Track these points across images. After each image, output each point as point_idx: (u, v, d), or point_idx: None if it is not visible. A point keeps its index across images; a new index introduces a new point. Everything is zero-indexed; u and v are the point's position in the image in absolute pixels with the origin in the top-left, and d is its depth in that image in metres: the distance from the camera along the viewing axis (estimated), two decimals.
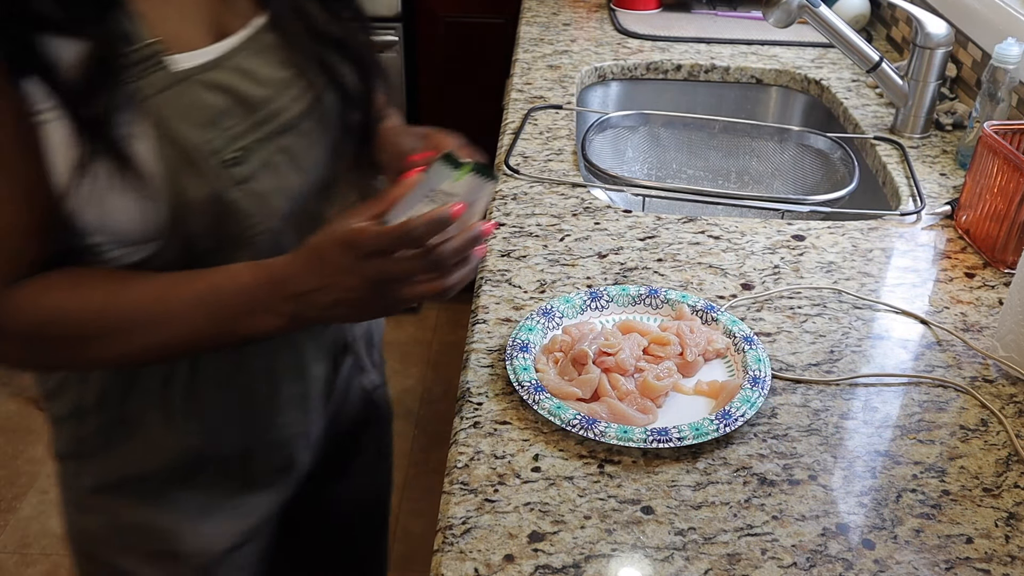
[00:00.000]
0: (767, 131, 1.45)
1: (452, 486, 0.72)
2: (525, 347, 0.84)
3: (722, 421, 0.76)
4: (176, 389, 0.80)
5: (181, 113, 0.67)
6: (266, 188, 0.74)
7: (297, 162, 0.76)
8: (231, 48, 0.72)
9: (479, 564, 0.65)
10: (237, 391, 0.83)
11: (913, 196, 1.18)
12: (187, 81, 0.68)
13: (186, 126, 0.67)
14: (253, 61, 0.73)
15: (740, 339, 0.87)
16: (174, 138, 0.67)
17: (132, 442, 0.82)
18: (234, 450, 0.86)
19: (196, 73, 0.69)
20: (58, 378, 0.82)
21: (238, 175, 0.71)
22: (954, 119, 1.37)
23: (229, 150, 0.70)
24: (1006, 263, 1.03)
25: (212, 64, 0.70)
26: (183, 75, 0.68)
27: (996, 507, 0.72)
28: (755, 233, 1.09)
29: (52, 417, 0.85)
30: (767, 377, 0.81)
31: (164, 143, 0.66)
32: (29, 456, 2.10)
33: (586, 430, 0.75)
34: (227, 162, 0.70)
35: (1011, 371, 0.86)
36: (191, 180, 0.68)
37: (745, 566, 0.66)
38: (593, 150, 1.31)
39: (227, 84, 0.70)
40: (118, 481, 0.84)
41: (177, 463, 0.84)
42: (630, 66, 1.61)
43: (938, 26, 1.28)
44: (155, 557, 0.88)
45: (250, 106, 0.72)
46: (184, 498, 0.86)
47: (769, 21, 1.28)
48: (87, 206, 0.67)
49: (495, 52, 2.11)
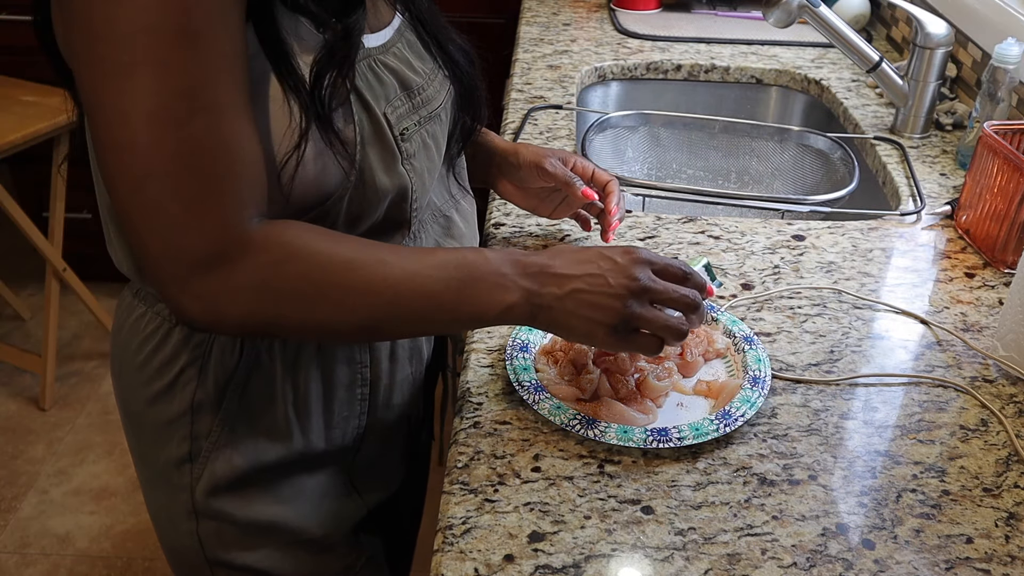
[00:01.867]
0: (767, 131, 1.45)
1: (452, 486, 0.72)
2: (525, 347, 0.84)
3: (722, 421, 0.76)
4: (300, 370, 0.80)
5: (368, 86, 0.72)
6: (423, 167, 0.78)
7: (440, 147, 0.82)
8: (388, 38, 0.77)
9: (479, 564, 0.65)
10: (360, 371, 0.84)
11: (913, 196, 1.18)
12: (369, 59, 0.73)
13: (372, 96, 0.72)
14: (407, 52, 0.79)
15: (740, 339, 0.87)
16: (367, 107, 0.71)
17: (254, 431, 0.81)
18: (352, 431, 0.86)
19: (373, 54, 0.74)
20: (168, 378, 0.79)
21: (407, 151, 0.75)
22: (954, 119, 1.37)
23: (400, 126, 0.74)
24: (1006, 263, 1.02)
25: (382, 48, 0.76)
26: (367, 52, 0.73)
27: (996, 507, 0.72)
28: (755, 233, 1.09)
29: (155, 426, 0.82)
30: (767, 377, 0.81)
31: (359, 109, 0.70)
32: (29, 456, 2.10)
33: (586, 430, 0.75)
34: (399, 136, 0.74)
35: (1011, 371, 0.86)
36: (374, 149, 0.72)
37: (745, 566, 0.66)
38: (593, 150, 1.31)
39: (394, 67, 0.76)
40: (239, 476, 0.81)
41: (300, 449, 0.82)
42: (630, 66, 1.61)
43: (938, 26, 1.28)
44: (286, 547, 0.86)
45: (411, 90, 0.77)
46: (308, 484, 0.85)
47: (769, 21, 1.28)
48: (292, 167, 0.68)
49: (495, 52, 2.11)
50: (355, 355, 0.83)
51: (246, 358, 0.78)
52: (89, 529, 1.92)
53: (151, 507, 0.89)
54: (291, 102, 0.66)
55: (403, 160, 0.75)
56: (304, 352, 0.80)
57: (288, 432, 0.81)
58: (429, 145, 0.79)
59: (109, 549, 1.88)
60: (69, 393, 2.28)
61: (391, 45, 0.77)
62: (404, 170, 0.75)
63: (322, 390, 0.82)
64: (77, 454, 2.10)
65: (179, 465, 0.82)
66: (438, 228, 0.87)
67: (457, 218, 0.90)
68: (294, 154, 0.66)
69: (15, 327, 2.50)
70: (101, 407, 2.24)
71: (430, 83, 0.80)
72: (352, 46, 0.69)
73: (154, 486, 0.86)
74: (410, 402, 0.92)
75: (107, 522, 1.93)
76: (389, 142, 0.73)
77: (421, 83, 0.78)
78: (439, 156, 0.82)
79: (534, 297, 0.69)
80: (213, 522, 0.84)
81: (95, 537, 1.90)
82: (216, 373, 0.78)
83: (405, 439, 0.95)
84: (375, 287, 0.67)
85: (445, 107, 0.82)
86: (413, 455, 1.01)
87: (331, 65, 0.67)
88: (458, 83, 0.85)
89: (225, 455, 0.81)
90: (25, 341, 2.43)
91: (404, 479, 0.99)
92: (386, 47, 0.76)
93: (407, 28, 0.81)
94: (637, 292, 0.70)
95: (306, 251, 0.65)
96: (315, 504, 0.86)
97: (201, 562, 0.86)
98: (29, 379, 2.30)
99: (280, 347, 0.79)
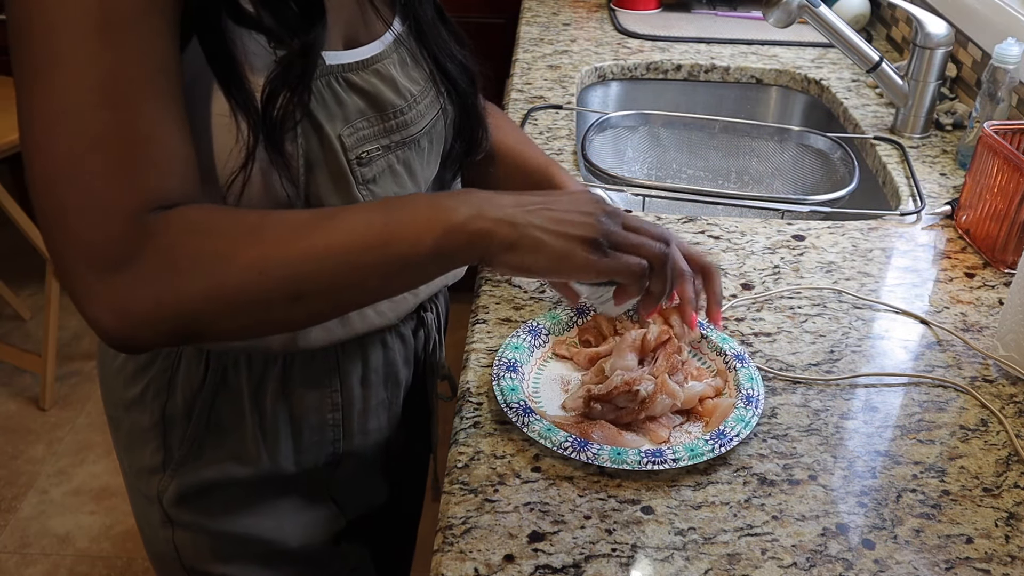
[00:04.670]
0: (767, 131, 1.45)
1: (452, 486, 0.72)
2: (512, 367, 0.82)
3: (717, 441, 0.74)
4: (267, 393, 0.78)
5: (323, 106, 0.68)
6: (387, 192, 0.74)
7: (415, 175, 0.77)
8: (375, 53, 0.73)
9: (479, 564, 0.65)
10: (330, 396, 0.82)
11: (913, 196, 1.18)
12: (332, 76, 0.69)
13: (325, 116, 0.68)
14: (394, 70, 0.75)
15: (731, 357, 0.84)
16: (317, 127, 0.67)
17: (222, 449, 0.80)
18: (325, 456, 0.84)
19: (343, 71, 0.70)
20: (140, 387, 0.79)
21: (364, 175, 0.71)
22: (954, 119, 1.37)
23: (358, 150, 0.70)
24: (1006, 263, 1.02)
25: (358, 65, 0.71)
26: (329, 70, 0.69)
27: (996, 507, 0.72)
28: (755, 233, 1.09)
29: (130, 434, 0.82)
30: (760, 396, 0.79)
31: (307, 130, 0.67)
32: (29, 456, 2.10)
33: (578, 453, 0.72)
34: (354, 161, 0.70)
35: (1011, 371, 0.86)
36: (323, 172, 0.68)
37: (745, 566, 0.66)
38: (593, 150, 1.31)
39: (364, 86, 0.71)
40: (209, 488, 0.81)
41: (268, 470, 0.81)
42: (630, 66, 1.61)
43: (938, 26, 1.28)
44: (263, 560, 0.85)
45: (383, 112, 0.72)
46: (281, 500, 0.84)
47: (769, 21, 1.28)
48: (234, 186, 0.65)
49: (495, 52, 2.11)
50: (323, 379, 0.80)
51: (212, 374, 0.77)
52: (89, 529, 1.92)
53: (135, 512, 0.88)
54: (239, 120, 0.63)
55: (358, 185, 0.71)
56: (269, 373, 0.78)
57: (257, 454, 0.80)
58: (399, 172, 0.75)
59: (109, 549, 1.88)
60: (69, 393, 2.28)
61: (374, 62, 0.73)
62: (361, 195, 0.71)
63: (289, 414, 0.80)
64: (77, 454, 2.10)
65: (152, 473, 0.82)
66: None
67: None
68: (240, 174, 0.64)
69: (15, 327, 2.50)
70: (101, 407, 2.23)
71: (413, 106, 0.75)
72: (310, 65, 0.65)
73: (134, 492, 0.86)
74: (388, 427, 0.89)
75: (107, 522, 1.94)
76: (341, 166, 0.69)
77: (401, 105, 0.74)
78: (414, 183, 0.77)
79: (491, 210, 0.62)
80: (188, 532, 0.83)
81: (95, 537, 1.90)
82: (184, 388, 0.78)
83: (387, 462, 0.92)
84: (285, 238, 0.60)
85: (431, 132, 0.78)
86: (403, 471, 0.99)
87: (285, 85, 0.63)
88: (454, 106, 0.81)
89: (194, 468, 0.80)
90: (25, 341, 2.43)
91: (393, 492, 0.97)
92: (365, 63, 0.72)
93: (404, 42, 0.77)
94: (609, 212, 0.66)
95: (206, 222, 0.60)
96: (290, 516, 0.85)
97: (180, 570, 0.86)
98: (29, 379, 2.30)
99: (246, 365, 0.77)
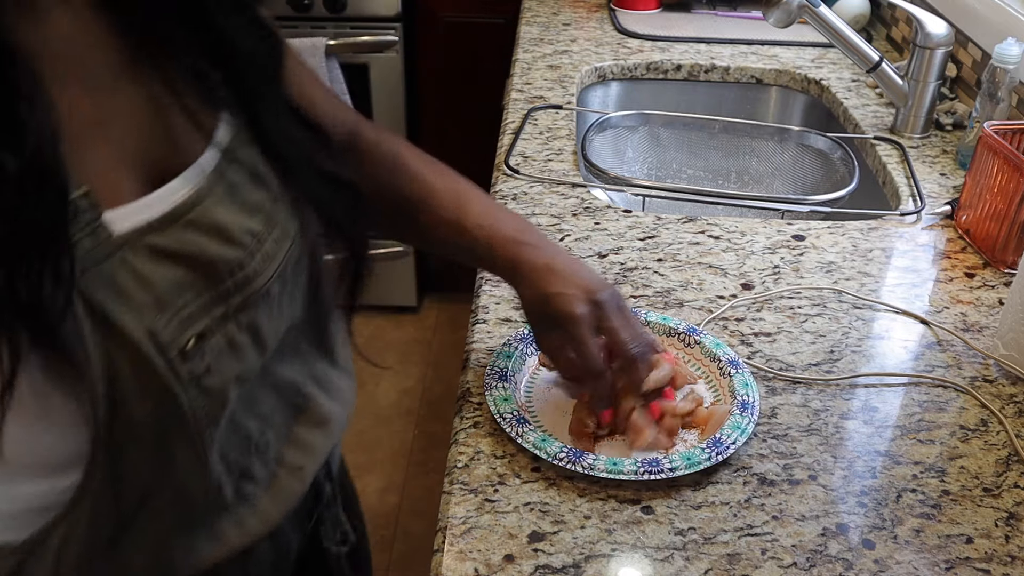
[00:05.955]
0: (767, 131, 1.45)
1: (452, 486, 0.72)
2: (504, 376, 0.81)
3: (713, 449, 0.73)
4: None
5: (121, 295, 0.49)
6: (224, 379, 0.55)
7: (260, 338, 0.58)
8: (190, 195, 0.53)
9: (479, 564, 0.65)
10: None
11: (913, 196, 1.18)
12: (128, 248, 0.49)
13: (128, 314, 0.49)
14: (221, 210, 0.54)
15: (725, 363, 0.83)
16: (114, 331, 0.48)
17: None
18: None
19: (142, 236, 0.50)
20: None
21: (192, 371, 0.52)
22: (954, 119, 1.37)
23: (182, 339, 0.51)
24: (1006, 263, 1.03)
25: (164, 221, 0.51)
26: (123, 240, 0.49)
27: (996, 507, 0.72)
28: (755, 233, 1.09)
29: None
30: (756, 403, 0.79)
31: (101, 337, 0.48)
32: None
33: (574, 464, 0.72)
34: (178, 356, 0.51)
35: (1011, 371, 0.86)
36: (131, 389, 0.49)
37: (745, 566, 0.66)
38: (593, 150, 1.31)
39: (185, 248, 0.52)
40: None
41: None
42: (630, 66, 1.61)
43: (938, 26, 1.28)
44: None
45: (215, 275, 0.53)
46: None
47: (769, 21, 1.28)
48: None
49: (495, 52, 2.11)
50: None
51: None
52: None
53: None
54: None
55: (184, 387, 0.52)
56: None
57: None
58: (239, 344, 0.56)
59: None
60: None
61: (188, 208, 0.52)
62: (190, 400, 0.52)
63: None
64: None
65: None
66: (287, 414, 0.65)
67: (321, 398, 0.68)
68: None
69: None
70: None
71: (256, 251, 0.56)
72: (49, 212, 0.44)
73: None
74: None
75: None
76: (158, 376, 0.50)
77: (236, 258, 0.54)
78: (263, 349, 0.59)
79: None
80: None
81: None
82: None
83: None
84: None
85: (282, 275, 0.58)
86: None
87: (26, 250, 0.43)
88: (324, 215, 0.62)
89: None
90: None
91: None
92: (176, 215, 0.52)
93: (234, 156, 0.56)
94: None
95: None
96: None
97: None
98: None
99: None
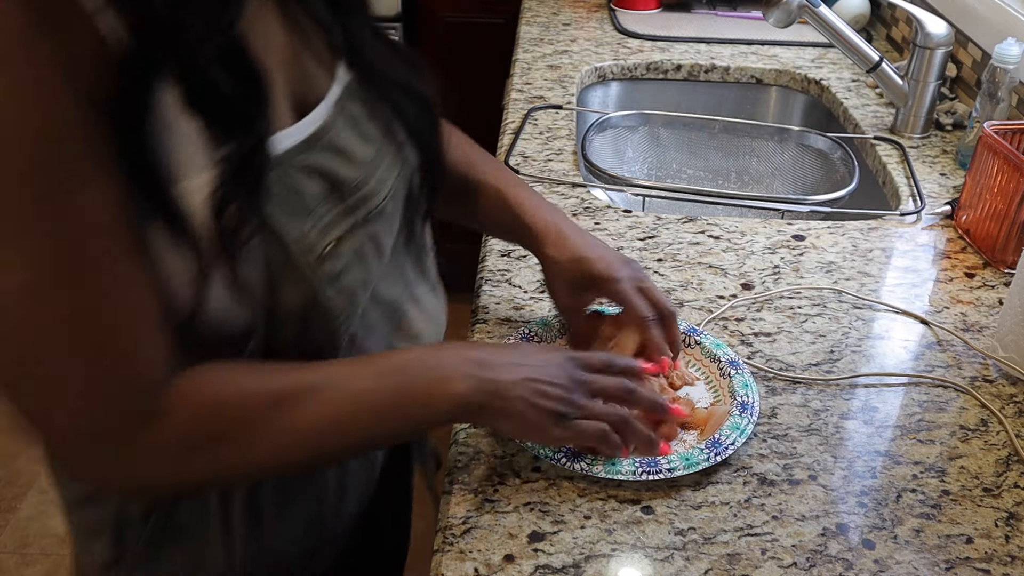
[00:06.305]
0: (767, 131, 1.45)
1: (452, 486, 0.72)
2: None
3: (712, 450, 0.73)
4: (235, 500, 0.71)
5: (280, 203, 0.59)
6: (355, 281, 0.65)
7: (380, 249, 0.69)
8: (323, 122, 0.63)
9: (479, 564, 0.65)
10: (304, 501, 0.75)
11: (913, 196, 1.18)
12: (284, 166, 0.60)
13: (285, 218, 0.59)
14: (345, 136, 0.65)
15: (725, 363, 0.83)
16: (276, 233, 0.58)
17: (181, 551, 0.72)
18: (296, 553, 0.77)
19: (293, 156, 0.61)
20: None
21: (330, 271, 0.62)
22: (954, 119, 1.37)
23: (322, 243, 0.61)
24: (1006, 263, 1.03)
25: (307, 143, 0.62)
26: (280, 159, 0.59)
27: (996, 507, 0.72)
28: (755, 233, 1.09)
29: (82, 526, 0.75)
30: (755, 403, 0.79)
31: (268, 240, 0.58)
32: (29, 456, 2.10)
33: (572, 463, 0.72)
34: (320, 258, 0.61)
35: (1011, 371, 0.86)
36: (287, 284, 0.60)
37: (745, 566, 0.66)
38: (593, 150, 1.31)
39: (322, 166, 0.62)
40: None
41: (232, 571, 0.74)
42: (630, 66, 1.61)
43: (938, 26, 1.28)
44: None
45: (343, 190, 0.63)
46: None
47: (769, 21, 1.28)
48: None
49: (495, 52, 2.11)
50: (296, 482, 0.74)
51: None
52: None
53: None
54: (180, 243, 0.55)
55: (324, 287, 0.62)
56: None
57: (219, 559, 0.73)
58: (365, 253, 0.66)
59: None
60: None
61: (321, 135, 0.63)
62: (328, 296, 0.63)
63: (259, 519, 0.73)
64: None
65: (103, 568, 0.74)
66: (388, 327, 0.73)
67: (415, 314, 0.76)
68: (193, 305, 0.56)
69: None
70: None
71: (372, 174, 0.66)
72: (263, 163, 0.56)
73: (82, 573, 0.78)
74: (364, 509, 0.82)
75: None
76: (304, 273, 0.61)
77: (359, 177, 0.65)
78: (381, 258, 0.69)
79: (484, 383, 0.65)
80: None
81: None
82: None
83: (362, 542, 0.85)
84: (313, 422, 0.61)
85: (394, 196, 0.70)
86: (382, 539, 0.92)
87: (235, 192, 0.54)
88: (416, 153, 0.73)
89: (149, 568, 0.73)
90: None
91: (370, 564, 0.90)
92: (318, 136, 0.63)
93: (352, 94, 0.67)
94: (577, 380, 0.69)
95: (222, 397, 0.59)
96: None
97: None
98: None
99: None
